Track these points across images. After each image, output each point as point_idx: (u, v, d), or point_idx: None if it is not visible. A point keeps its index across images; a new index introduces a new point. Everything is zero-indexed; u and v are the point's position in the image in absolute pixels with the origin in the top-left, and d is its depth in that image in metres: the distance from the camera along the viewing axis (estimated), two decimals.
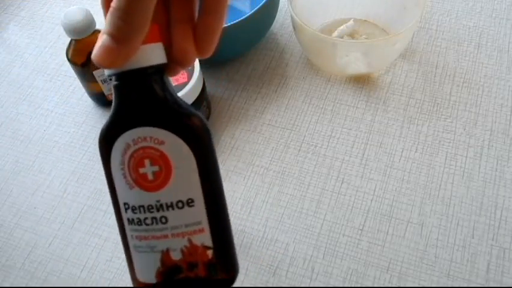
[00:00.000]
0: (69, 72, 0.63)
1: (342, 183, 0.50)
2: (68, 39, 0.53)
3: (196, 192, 0.29)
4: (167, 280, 0.30)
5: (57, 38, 0.68)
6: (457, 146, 0.51)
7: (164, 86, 0.29)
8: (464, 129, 0.52)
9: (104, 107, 0.59)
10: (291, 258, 0.46)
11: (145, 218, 0.29)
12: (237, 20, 0.52)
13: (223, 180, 0.52)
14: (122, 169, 0.29)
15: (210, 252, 0.30)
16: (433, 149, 0.51)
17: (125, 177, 0.29)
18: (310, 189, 0.50)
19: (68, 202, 0.52)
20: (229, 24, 0.51)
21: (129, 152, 0.29)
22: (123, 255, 0.45)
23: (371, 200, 0.48)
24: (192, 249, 0.30)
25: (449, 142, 0.51)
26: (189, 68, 0.51)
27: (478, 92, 0.55)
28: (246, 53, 0.61)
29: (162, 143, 0.28)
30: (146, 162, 0.29)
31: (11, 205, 0.52)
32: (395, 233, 0.46)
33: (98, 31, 0.53)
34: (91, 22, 0.51)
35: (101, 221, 0.50)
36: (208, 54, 0.29)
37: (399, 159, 0.51)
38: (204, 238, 0.30)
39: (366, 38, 0.58)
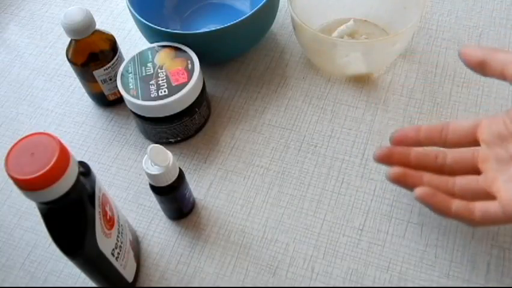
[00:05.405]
0: (69, 72, 0.63)
1: (342, 183, 0.50)
2: (68, 39, 0.53)
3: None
4: None
5: (57, 38, 0.68)
6: None
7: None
8: None
9: (104, 107, 0.59)
10: (291, 258, 0.46)
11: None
12: (237, 20, 0.52)
13: (223, 180, 0.52)
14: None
15: None
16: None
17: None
18: (310, 189, 0.50)
19: None
20: (229, 24, 0.51)
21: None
22: None
23: (371, 200, 0.48)
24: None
25: None
26: (189, 67, 0.51)
27: (478, 92, 0.55)
28: (246, 53, 0.61)
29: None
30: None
31: (11, 205, 0.52)
32: (395, 233, 0.46)
33: (98, 31, 0.53)
34: (91, 22, 0.51)
35: None
36: None
37: None
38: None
39: (366, 38, 0.58)
